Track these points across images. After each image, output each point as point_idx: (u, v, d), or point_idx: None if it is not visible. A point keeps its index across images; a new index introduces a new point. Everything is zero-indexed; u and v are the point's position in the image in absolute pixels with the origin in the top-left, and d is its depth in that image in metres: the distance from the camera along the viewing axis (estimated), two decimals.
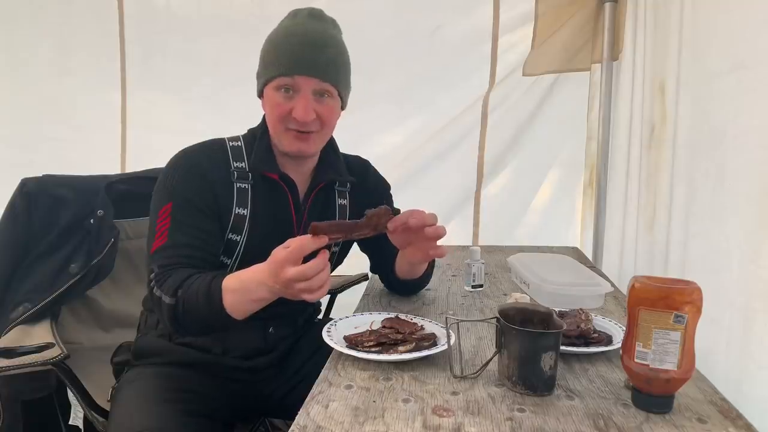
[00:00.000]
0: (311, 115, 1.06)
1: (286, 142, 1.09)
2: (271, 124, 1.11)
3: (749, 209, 1.13)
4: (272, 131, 1.12)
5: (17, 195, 1.38)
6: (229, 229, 1.10)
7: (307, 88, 1.05)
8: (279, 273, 0.88)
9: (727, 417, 0.77)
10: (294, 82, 1.05)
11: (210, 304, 0.96)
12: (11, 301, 1.34)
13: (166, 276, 1.01)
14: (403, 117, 2.26)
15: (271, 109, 1.09)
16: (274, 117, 1.08)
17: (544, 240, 2.15)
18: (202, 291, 0.97)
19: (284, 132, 1.09)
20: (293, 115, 1.05)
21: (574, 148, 2.22)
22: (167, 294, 0.99)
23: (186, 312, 0.98)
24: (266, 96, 1.10)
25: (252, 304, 0.97)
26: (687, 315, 0.76)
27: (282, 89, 1.06)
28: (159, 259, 1.03)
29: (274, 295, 0.94)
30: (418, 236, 1.06)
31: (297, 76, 1.04)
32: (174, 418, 1.00)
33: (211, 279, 0.98)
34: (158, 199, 1.07)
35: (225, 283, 0.97)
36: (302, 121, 1.05)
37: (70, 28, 2.35)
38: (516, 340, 0.84)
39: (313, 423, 0.75)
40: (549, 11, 2.10)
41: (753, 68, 1.15)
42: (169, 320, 1.01)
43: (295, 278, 0.86)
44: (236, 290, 0.96)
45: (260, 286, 0.94)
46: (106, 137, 2.39)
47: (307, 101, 1.05)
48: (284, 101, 1.06)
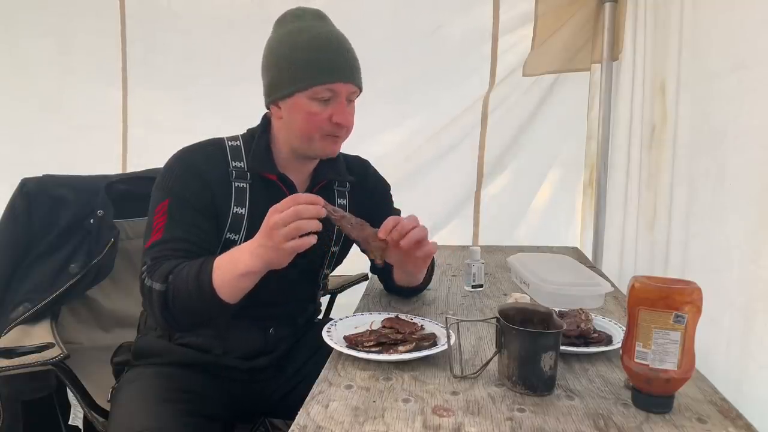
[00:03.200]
0: (352, 120, 1.09)
1: (322, 147, 1.10)
2: (303, 131, 1.08)
3: (749, 209, 1.13)
4: (300, 138, 1.09)
5: (17, 195, 1.38)
6: (227, 229, 1.10)
7: (344, 94, 1.07)
8: (268, 221, 0.91)
9: (727, 417, 0.77)
10: (334, 90, 1.05)
11: (200, 285, 0.96)
12: (11, 301, 1.34)
13: (158, 266, 1.01)
14: (403, 117, 2.26)
15: (307, 117, 1.06)
16: (310, 124, 1.07)
17: (544, 240, 2.15)
18: (193, 273, 0.97)
19: (320, 138, 1.09)
20: (337, 121, 1.06)
21: (574, 148, 2.22)
22: (158, 281, 0.98)
23: (176, 298, 0.98)
24: (296, 104, 1.06)
25: (239, 280, 0.96)
26: (687, 315, 0.76)
27: (320, 98, 1.05)
28: (152, 253, 1.04)
29: (255, 258, 0.94)
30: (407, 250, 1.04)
31: (339, 83, 1.05)
32: (174, 418, 1.00)
33: (203, 260, 0.98)
34: (156, 196, 1.08)
35: (215, 261, 0.97)
36: (348, 126, 1.08)
37: (71, 27, 2.35)
38: (516, 340, 0.84)
39: (313, 423, 0.75)
40: (549, 11, 2.09)
41: (753, 68, 1.15)
42: (159, 310, 0.99)
43: (279, 222, 0.89)
44: (222, 265, 0.97)
45: (243, 252, 0.95)
46: (107, 136, 2.39)
47: (345, 106, 1.07)
48: (321, 109, 1.06)
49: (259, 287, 1.03)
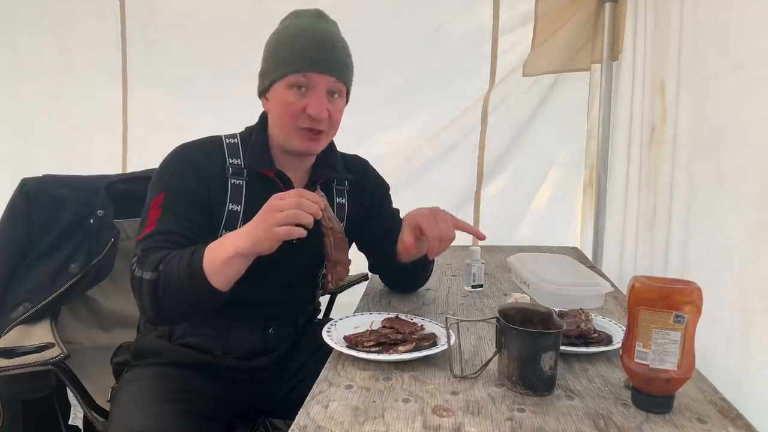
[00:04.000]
0: (326, 112, 1.06)
1: (297, 142, 1.09)
2: (281, 122, 1.09)
3: (749, 209, 1.13)
4: (280, 130, 1.10)
5: (17, 195, 1.38)
6: (223, 225, 1.10)
7: (321, 86, 1.06)
8: (268, 203, 0.93)
9: (726, 417, 0.77)
10: (308, 80, 1.05)
11: (191, 272, 0.95)
12: (11, 301, 1.34)
13: (148, 256, 1.00)
14: (403, 117, 2.26)
15: (282, 107, 1.07)
16: (286, 115, 1.07)
17: (544, 240, 2.15)
18: (185, 260, 0.96)
19: (295, 131, 1.08)
20: (308, 112, 1.05)
21: (574, 148, 2.22)
22: (148, 270, 0.98)
23: (167, 286, 0.97)
24: (275, 94, 1.08)
25: (228, 263, 0.95)
26: (687, 315, 0.76)
27: (294, 87, 1.05)
28: (143, 244, 1.03)
29: (245, 238, 0.94)
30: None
31: (312, 73, 1.05)
32: (174, 418, 1.00)
33: (195, 248, 0.98)
34: (152, 190, 1.08)
35: (206, 247, 0.98)
36: (317, 117, 1.06)
37: (71, 27, 2.35)
38: (516, 340, 0.84)
39: (313, 423, 0.75)
40: (549, 11, 2.10)
41: (753, 68, 1.15)
42: (149, 300, 0.99)
43: (279, 206, 0.91)
44: (212, 249, 0.97)
45: (234, 234, 0.96)
46: (107, 136, 2.39)
47: (322, 98, 1.06)
48: (296, 99, 1.06)
49: (259, 287, 1.03)
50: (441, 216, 1.11)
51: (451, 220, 1.11)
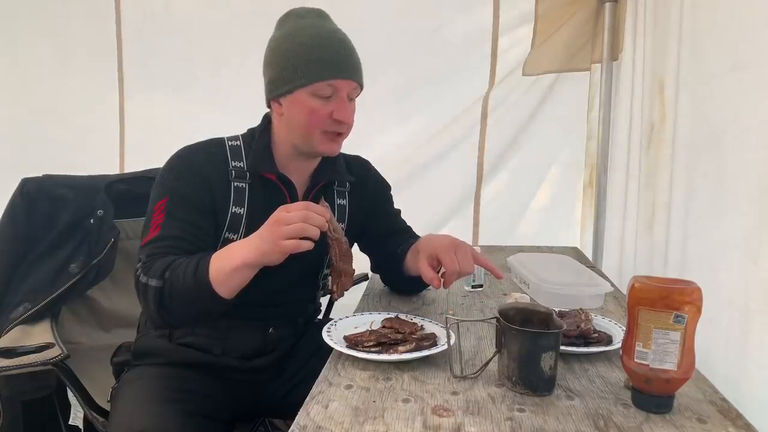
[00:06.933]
0: (353, 117, 1.09)
1: (322, 144, 1.10)
2: (305, 128, 1.08)
3: (749, 209, 1.13)
4: (301, 134, 1.09)
5: (17, 195, 1.38)
6: (226, 228, 1.10)
7: (344, 91, 1.07)
8: (275, 215, 0.94)
9: (726, 417, 0.77)
10: (335, 86, 1.05)
11: (197, 280, 0.96)
12: (11, 301, 1.34)
13: (153, 262, 1.01)
14: (403, 117, 2.26)
15: (307, 114, 1.06)
16: (311, 121, 1.07)
17: (544, 240, 2.15)
18: (191, 268, 0.97)
19: (320, 135, 1.09)
20: (337, 118, 1.06)
21: (574, 148, 2.22)
22: (154, 277, 0.99)
23: (172, 293, 0.98)
24: (296, 100, 1.06)
25: (235, 273, 0.96)
26: (687, 315, 0.76)
27: (320, 93, 1.05)
28: (147, 250, 1.04)
29: (252, 249, 0.95)
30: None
31: (340, 80, 1.05)
32: (174, 418, 1.00)
33: (201, 256, 0.99)
34: (155, 194, 1.08)
35: (213, 256, 0.98)
36: (348, 123, 1.08)
37: (67, 29, 2.34)
38: (516, 340, 0.84)
39: (313, 423, 0.75)
40: (549, 11, 2.09)
41: (752, 68, 1.15)
42: (155, 306, 0.99)
43: (286, 219, 0.91)
44: (219, 258, 0.97)
45: (241, 244, 0.97)
46: (104, 137, 2.39)
47: (347, 103, 1.08)
48: (322, 105, 1.06)
49: (259, 288, 1.03)
50: (462, 250, 1.10)
51: (471, 254, 1.11)
